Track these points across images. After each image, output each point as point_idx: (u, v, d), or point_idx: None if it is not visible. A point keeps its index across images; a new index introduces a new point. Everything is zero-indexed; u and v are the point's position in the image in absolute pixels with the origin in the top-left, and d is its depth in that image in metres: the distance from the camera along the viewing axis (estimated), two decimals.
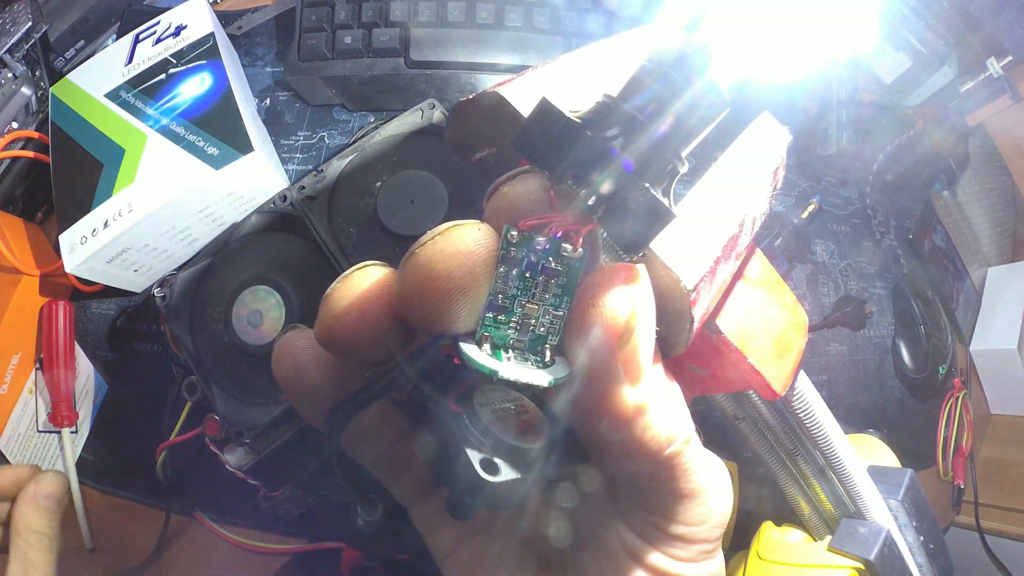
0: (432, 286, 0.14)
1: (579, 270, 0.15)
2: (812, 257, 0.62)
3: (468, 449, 0.14)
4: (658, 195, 0.14)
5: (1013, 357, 0.66)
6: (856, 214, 0.66)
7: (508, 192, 0.15)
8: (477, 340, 0.15)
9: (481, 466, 0.14)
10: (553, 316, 0.15)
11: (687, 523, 0.17)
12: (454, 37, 0.51)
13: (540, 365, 0.15)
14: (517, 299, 0.15)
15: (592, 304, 0.14)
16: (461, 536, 0.20)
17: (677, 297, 0.16)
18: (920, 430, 0.65)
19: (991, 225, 0.77)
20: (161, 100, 0.48)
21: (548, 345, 0.15)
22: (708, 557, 0.18)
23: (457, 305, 0.14)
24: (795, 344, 0.22)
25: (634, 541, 0.18)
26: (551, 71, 0.18)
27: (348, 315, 0.15)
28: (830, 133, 0.60)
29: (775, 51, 0.15)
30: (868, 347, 0.63)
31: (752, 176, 0.20)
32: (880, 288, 0.65)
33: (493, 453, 0.14)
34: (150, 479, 0.46)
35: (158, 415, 0.47)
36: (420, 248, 0.14)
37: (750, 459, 0.52)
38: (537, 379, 0.14)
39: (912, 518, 0.38)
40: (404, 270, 0.14)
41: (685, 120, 0.14)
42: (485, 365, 0.14)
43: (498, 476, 0.14)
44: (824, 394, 0.30)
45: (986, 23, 0.70)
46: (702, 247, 0.16)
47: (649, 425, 0.15)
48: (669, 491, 0.17)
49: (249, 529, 0.47)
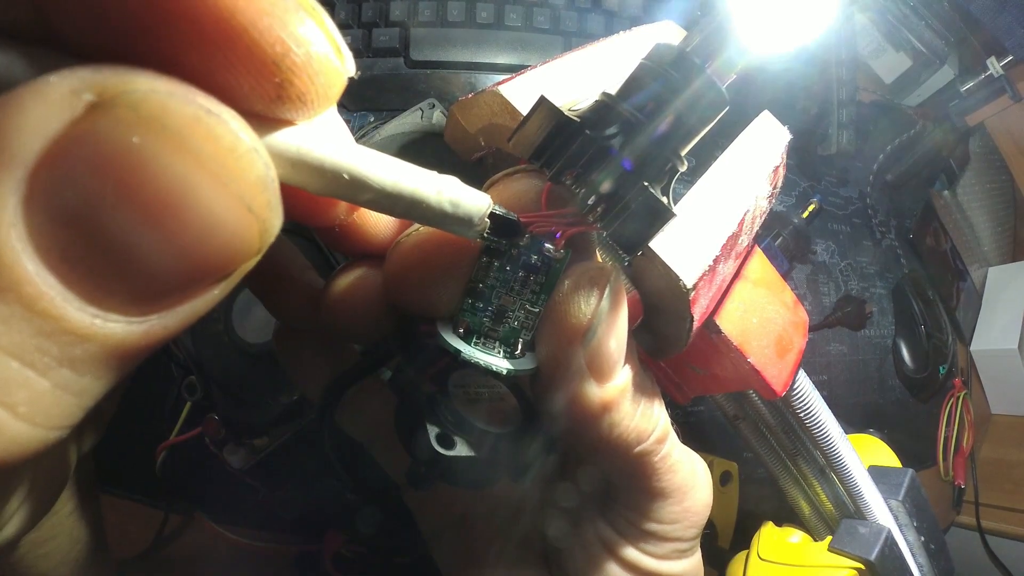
0: (413, 271, 0.15)
1: (559, 270, 0.15)
2: (812, 257, 0.62)
3: (428, 422, 0.15)
4: (657, 194, 0.14)
5: (1013, 357, 0.66)
6: (856, 214, 0.66)
7: (501, 189, 0.15)
8: (455, 324, 0.15)
9: (437, 439, 0.14)
10: (528, 312, 0.15)
11: (660, 521, 0.18)
12: (454, 37, 0.52)
13: (509, 356, 0.15)
14: (495, 290, 0.15)
15: (556, 301, 0.15)
16: (446, 518, 0.20)
17: (677, 296, 0.16)
18: (920, 430, 0.65)
19: (991, 225, 0.77)
20: None
21: (521, 339, 0.15)
22: (683, 556, 0.19)
23: (434, 289, 0.15)
24: (795, 344, 0.22)
25: (610, 535, 0.18)
26: (550, 70, 0.18)
27: (344, 301, 0.16)
28: (830, 133, 0.60)
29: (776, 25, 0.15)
30: (868, 347, 0.63)
31: (752, 176, 0.20)
32: (880, 288, 0.65)
33: (455, 431, 0.15)
34: (150, 479, 0.46)
35: (158, 415, 0.47)
36: (406, 237, 0.15)
37: (750, 459, 0.52)
38: (497, 364, 0.15)
39: (913, 518, 0.38)
40: (390, 257, 0.15)
41: (684, 119, 0.14)
42: (452, 344, 0.15)
43: (452, 451, 0.14)
44: (824, 394, 0.30)
45: (986, 23, 0.70)
46: (702, 246, 0.16)
47: (616, 423, 0.15)
48: (642, 489, 0.17)
49: (249, 529, 0.47)
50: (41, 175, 0.09)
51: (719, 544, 0.50)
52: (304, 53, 0.10)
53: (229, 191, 0.09)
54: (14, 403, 0.09)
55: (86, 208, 0.09)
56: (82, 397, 0.10)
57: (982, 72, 0.69)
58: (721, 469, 0.51)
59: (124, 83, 0.09)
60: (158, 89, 0.09)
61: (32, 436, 0.09)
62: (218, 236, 0.09)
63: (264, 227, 0.10)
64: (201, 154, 0.09)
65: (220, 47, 0.10)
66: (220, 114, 0.09)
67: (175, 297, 0.10)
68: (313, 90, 0.11)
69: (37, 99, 0.09)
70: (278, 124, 0.11)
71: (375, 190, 0.12)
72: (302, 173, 0.12)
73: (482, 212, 0.13)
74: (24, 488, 0.15)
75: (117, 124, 0.09)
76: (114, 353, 0.10)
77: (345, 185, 0.12)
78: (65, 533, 0.22)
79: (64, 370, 0.09)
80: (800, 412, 0.30)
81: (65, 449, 0.19)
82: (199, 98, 0.09)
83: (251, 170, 0.10)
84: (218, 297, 0.11)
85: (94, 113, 0.09)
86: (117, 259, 0.09)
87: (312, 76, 0.10)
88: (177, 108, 0.09)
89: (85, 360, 0.09)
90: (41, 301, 0.09)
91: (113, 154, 0.09)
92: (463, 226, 0.13)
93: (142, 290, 0.09)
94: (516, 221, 0.14)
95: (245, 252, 0.10)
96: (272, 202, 0.10)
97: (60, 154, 0.08)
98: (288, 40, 0.10)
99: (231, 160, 0.09)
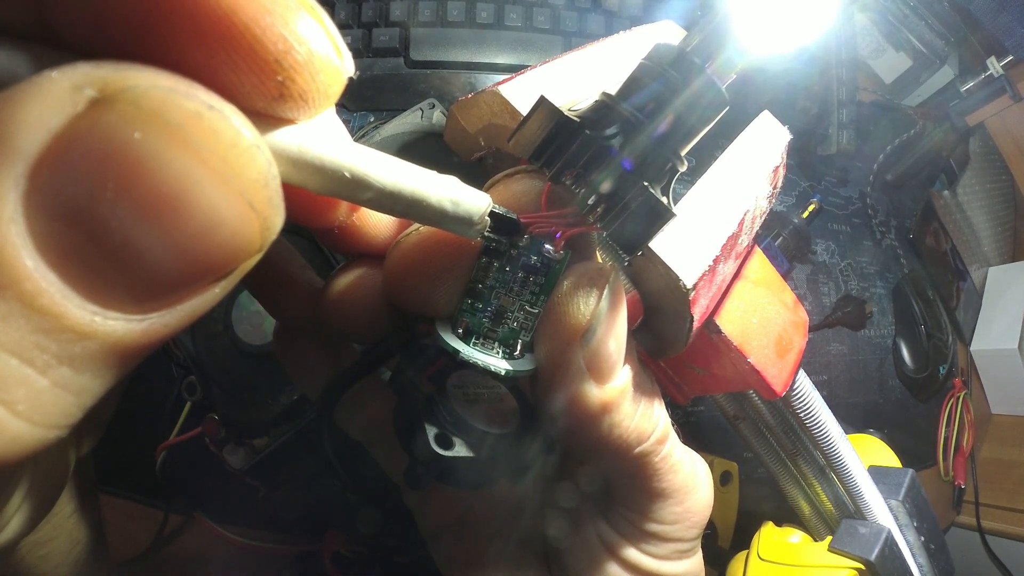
0: (412, 271, 0.15)
1: (559, 271, 0.15)
2: (812, 257, 0.62)
3: (427, 422, 0.15)
4: (657, 194, 0.14)
5: (1013, 357, 0.66)
6: (856, 214, 0.66)
7: (501, 189, 0.15)
8: (454, 324, 0.15)
9: (435, 439, 0.14)
10: (527, 312, 0.15)
11: (660, 521, 0.18)
12: (454, 37, 0.52)
13: (508, 356, 0.15)
14: (495, 290, 0.15)
15: (555, 302, 0.15)
16: (446, 518, 0.20)
17: (677, 296, 0.16)
18: (920, 430, 0.65)
19: (991, 225, 0.77)
20: None
21: (520, 340, 0.15)
22: (684, 556, 0.19)
23: (434, 289, 0.15)
24: (795, 343, 0.22)
25: (611, 536, 0.18)
26: (550, 70, 0.18)
27: (343, 300, 0.16)
28: (830, 133, 0.60)
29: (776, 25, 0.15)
30: (868, 347, 0.63)
31: (752, 176, 0.20)
32: (880, 288, 0.65)
33: (453, 431, 0.15)
34: (150, 479, 0.46)
35: (158, 415, 0.47)
36: (405, 237, 0.15)
37: (750, 459, 0.52)
38: (495, 365, 0.15)
39: (913, 518, 0.38)
40: (390, 256, 0.15)
41: (684, 119, 0.14)
42: (451, 345, 0.15)
43: (450, 451, 0.14)
44: (824, 394, 0.30)
45: (986, 23, 0.70)
46: (702, 246, 0.16)
47: (616, 424, 0.15)
48: (642, 489, 0.17)
49: (249, 529, 0.47)
50: (42, 171, 0.08)
51: (719, 544, 0.50)
52: (306, 51, 0.10)
53: (231, 187, 0.09)
54: (13, 401, 0.09)
55: (87, 204, 0.09)
56: (81, 396, 0.10)
57: (982, 72, 0.69)
58: (721, 469, 0.51)
59: (126, 79, 0.09)
60: (160, 85, 0.09)
61: (31, 435, 0.09)
62: (219, 233, 0.09)
63: (266, 224, 0.10)
64: (203, 150, 0.09)
65: (222, 44, 0.09)
66: (222, 110, 0.09)
67: (176, 295, 0.10)
68: (314, 88, 0.11)
69: (38, 94, 0.08)
70: (279, 123, 0.11)
71: (376, 189, 0.12)
72: (303, 172, 0.12)
73: (482, 211, 0.13)
74: (23, 489, 0.15)
75: (118, 119, 0.09)
76: (114, 351, 0.09)
77: (346, 184, 0.12)
78: (65, 535, 0.22)
79: (63, 368, 0.09)
80: (800, 412, 0.30)
81: (64, 450, 0.19)
82: (201, 94, 0.09)
83: (253, 166, 0.09)
84: (219, 295, 0.11)
85: (95, 109, 0.09)
86: (117, 256, 0.09)
87: (313, 74, 0.10)
88: (179, 103, 0.09)
89: (85, 358, 0.09)
90: (41, 298, 0.09)
91: (114, 149, 0.08)
92: (463, 225, 0.13)
93: (142, 287, 0.09)
94: (516, 220, 0.14)
95: (247, 249, 0.10)
96: (274, 199, 0.10)
97: (61, 149, 0.08)
98: (290, 38, 0.10)
99: (233, 156, 0.09)
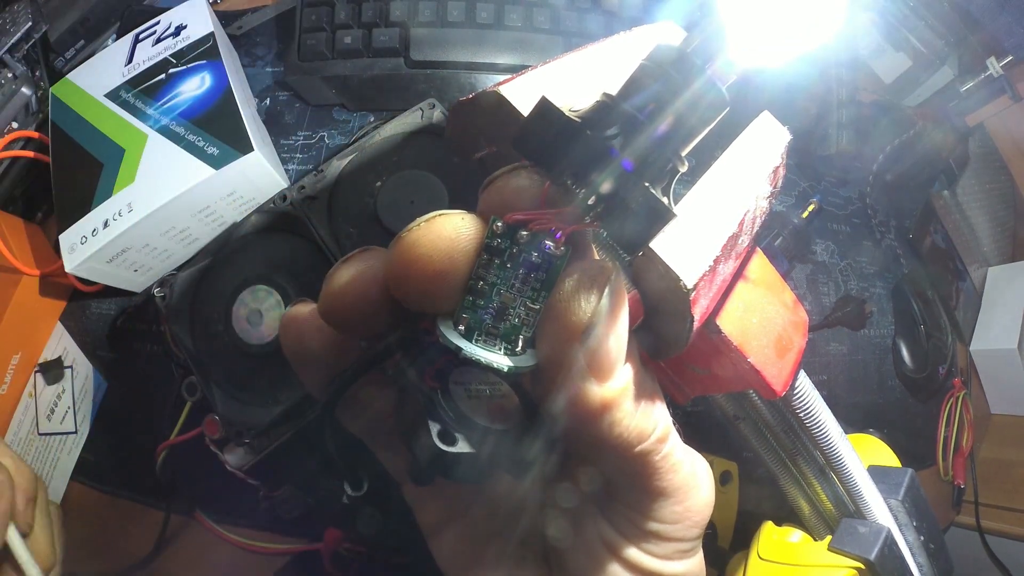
0: (414, 266, 0.15)
1: (559, 268, 0.15)
2: (812, 257, 0.62)
3: (430, 419, 0.15)
4: (658, 194, 0.14)
5: (1013, 357, 0.66)
6: (856, 214, 0.66)
7: (502, 186, 0.15)
8: (455, 321, 0.15)
9: (438, 436, 0.15)
10: (528, 309, 0.15)
11: (662, 521, 0.18)
12: (454, 37, 0.52)
13: (509, 353, 0.15)
14: (496, 287, 0.15)
15: (555, 300, 0.15)
16: (446, 516, 0.20)
17: (677, 296, 0.16)
18: (920, 430, 0.65)
19: (991, 225, 0.77)
20: (161, 100, 0.48)
21: (522, 336, 0.16)
22: (685, 556, 0.19)
23: (435, 286, 0.15)
24: (795, 343, 0.22)
25: (612, 535, 0.18)
26: (551, 70, 0.18)
27: (346, 293, 0.16)
28: (830, 133, 0.60)
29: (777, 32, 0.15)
30: (868, 347, 0.63)
31: (752, 176, 0.20)
32: (880, 288, 0.65)
33: (456, 428, 0.15)
34: (150, 479, 0.46)
35: (158, 415, 0.47)
36: (407, 232, 0.15)
37: (750, 459, 0.52)
38: (497, 361, 0.15)
39: (912, 518, 0.38)
40: (392, 252, 0.15)
41: (685, 119, 0.14)
42: (453, 341, 0.15)
43: (453, 447, 0.15)
44: (824, 394, 0.30)
45: (986, 23, 0.70)
46: (702, 246, 0.16)
47: (617, 422, 0.15)
48: (643, 488, 0.17)
49: (249, 529, 0.47)
50: None
51: (719, 544, 0.50)
52: None
53: None
54: None
55: None
56: None
57: (982, 72, 0.69)
58: (721, 469, 0.51)
59: None
60: None
61: None
62: None
63: None
64: None
65: None
66: None
67: None
68: None
69: None
70: None
71: None
72: None
73: None
74: None
75: None
76: None
77: None
78: None
79: None
80: (800, 412, 0.30)
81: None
82: None
83: None
84: None
85: None
86: None
87: None
88: None
89: None
90: None
91: None
92: None
93: None
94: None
95: None
96: None
97: None
98: None
99: None
